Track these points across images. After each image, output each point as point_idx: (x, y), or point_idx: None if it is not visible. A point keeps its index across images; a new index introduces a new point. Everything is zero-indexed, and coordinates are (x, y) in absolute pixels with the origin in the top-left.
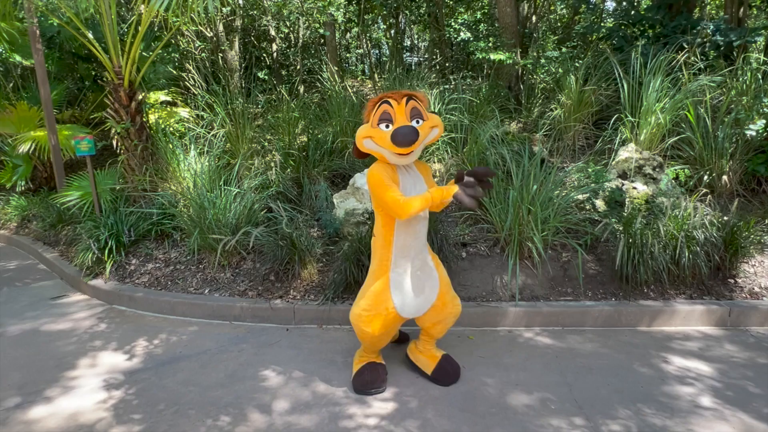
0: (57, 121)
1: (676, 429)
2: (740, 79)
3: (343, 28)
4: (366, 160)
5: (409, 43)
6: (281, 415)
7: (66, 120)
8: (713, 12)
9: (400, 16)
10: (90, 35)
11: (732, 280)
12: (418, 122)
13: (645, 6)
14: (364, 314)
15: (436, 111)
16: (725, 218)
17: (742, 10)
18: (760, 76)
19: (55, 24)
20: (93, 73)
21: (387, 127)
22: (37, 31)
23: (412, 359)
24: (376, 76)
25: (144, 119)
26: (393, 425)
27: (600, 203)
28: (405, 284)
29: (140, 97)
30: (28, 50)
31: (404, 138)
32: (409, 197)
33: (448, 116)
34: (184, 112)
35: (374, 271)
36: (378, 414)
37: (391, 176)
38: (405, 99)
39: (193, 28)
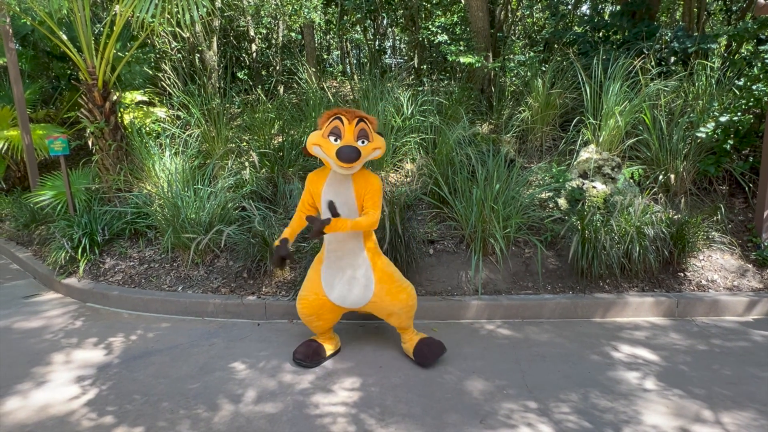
0: (31, 120)
1: (620, 409)
2: (696, 84)
3: (323, 29)
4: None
5: (391, 44)
6: (248, 404)
7: (40, 119)
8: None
9: (381, 19)
10: (64, 36)
11: (681, 274)
12: (363, 142)
13: (610, 12)
14: (299, 296)
15: (409, 113)
16: (676, 216)
17: (698, 17)
18: (713, 82)
19: (28, 23)
20: (68, 72)
21: (336, 140)
22: (10, 30)
23: (403, 350)
24: (355, 77)
25: (118, 119)
26: (354, 410)
27: (563, 202)
28: (331, 275)
29: (115, 97)
30: (0, 49)
31: (347, 156)
32: (294, 217)
33: (421, 118)
34: (161, 112)
35: (313, 262)
36: (340, 401)
37: (315, 185)
38: (356, 120)
39: (170, 29)
